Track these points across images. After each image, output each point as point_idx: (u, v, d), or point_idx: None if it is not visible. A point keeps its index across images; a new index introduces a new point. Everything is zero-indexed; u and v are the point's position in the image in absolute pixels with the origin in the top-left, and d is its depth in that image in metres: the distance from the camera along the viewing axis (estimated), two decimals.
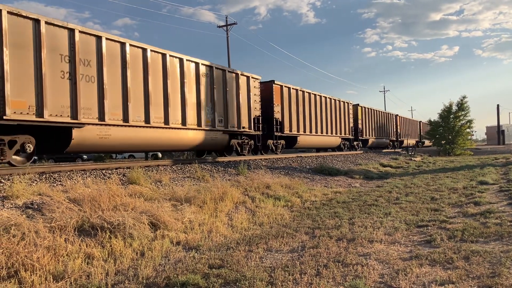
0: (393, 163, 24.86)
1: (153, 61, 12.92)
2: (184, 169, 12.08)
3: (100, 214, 6.55)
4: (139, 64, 12.45)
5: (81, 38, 10.65)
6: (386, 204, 10.06)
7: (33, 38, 9.59)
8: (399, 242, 6.44)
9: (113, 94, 11.50)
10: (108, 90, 11.31)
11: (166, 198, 8.52)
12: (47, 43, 9.84)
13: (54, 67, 10.03)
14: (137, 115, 12.21)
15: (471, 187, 12.36)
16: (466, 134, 42.19)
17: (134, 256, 5.85)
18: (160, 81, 13.21)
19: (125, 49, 11.91)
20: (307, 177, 14.93)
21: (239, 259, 5.64)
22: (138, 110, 12.30)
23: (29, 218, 6.15)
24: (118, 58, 11.74)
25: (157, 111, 12.99)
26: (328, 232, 7.13)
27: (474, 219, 7.85)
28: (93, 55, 10.99)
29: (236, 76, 17.29)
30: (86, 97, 10.75)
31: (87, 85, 10.78)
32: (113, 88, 11.52)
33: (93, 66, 10.96)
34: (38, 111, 9.63)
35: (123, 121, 11.78)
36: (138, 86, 12.35)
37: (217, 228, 7.49)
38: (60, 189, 7.78)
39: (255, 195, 10.28)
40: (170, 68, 13.58)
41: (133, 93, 12.13)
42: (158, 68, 13.18)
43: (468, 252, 5.55)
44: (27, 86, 9.45)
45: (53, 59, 9.99)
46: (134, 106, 12.12)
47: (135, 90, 12.23)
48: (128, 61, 11.98)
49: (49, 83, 9.87)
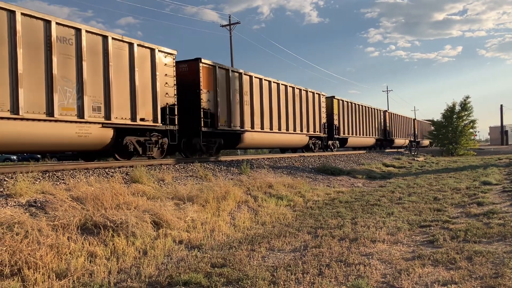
0: (396, 163, 24.81)
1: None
2: (187, 168, 12.09)
3: (103, 213, 6.57)
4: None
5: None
6: (389, 204, 10.05)
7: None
8: (401, 242, 6.43)
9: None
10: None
11: (168, 197, 8.53)
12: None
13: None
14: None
15: (474, 188, 12.33)
16: (469, 134, 42.11)
17: (137, 254, 5.86)
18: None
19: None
20: (310, 177, 14.92)
21: (241, 258, 5.65)
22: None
23: (32, 216, 6.17)
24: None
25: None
26: (330, 232, 7.13)
27: (477, 219, 7.83)
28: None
29: (149, 51, 12.89)
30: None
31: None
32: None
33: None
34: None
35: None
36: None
37: (220, 227, 7.50)
38: (63, 188, 7.80)
39: (257, 195, 10.28)
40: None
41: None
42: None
43: (471, 253, 5.54)
44: None
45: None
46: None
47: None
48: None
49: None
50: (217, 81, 15.72)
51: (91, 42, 11.10)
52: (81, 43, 10.78)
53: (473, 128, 42.46)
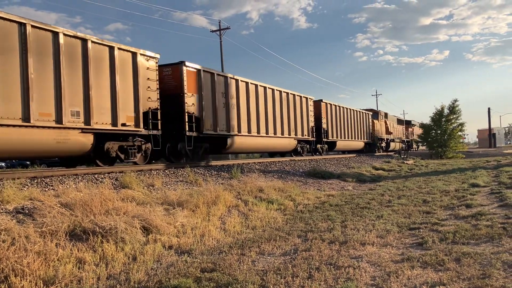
0: (386, 166, 24.96)
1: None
2: (177, 173, 12.05)
3: (92, 219, 6.52)
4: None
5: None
6: (379, 207, 10.10)
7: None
8: (391, 244, 6.47)
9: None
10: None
11: (158, 202, 8.49)
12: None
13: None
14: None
15: (463, 190, 12.43)
16: (458, 137, 42.48)
17: (126, 260, 5.83)
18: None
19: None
20: (300, 181, 14.95)
21: (231, 262, 5.64)
22: None
23: (19, 223, 6.11)
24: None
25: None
26: (320, 235, 7.14)
27: (465, 221, 7.89)
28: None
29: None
30: None
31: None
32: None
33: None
34: None
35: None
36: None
37: (210, 232, 7.48)
38: (52, 194, 7.74)
39: (248, 199, 10.27)
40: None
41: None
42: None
43: (459, 254, 5.59)
44: None
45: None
46: None
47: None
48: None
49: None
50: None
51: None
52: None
53: (462, 131, 42.81)
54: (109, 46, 11.93)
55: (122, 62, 12.39)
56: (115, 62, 12.04)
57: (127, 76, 12.56)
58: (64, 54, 10.64)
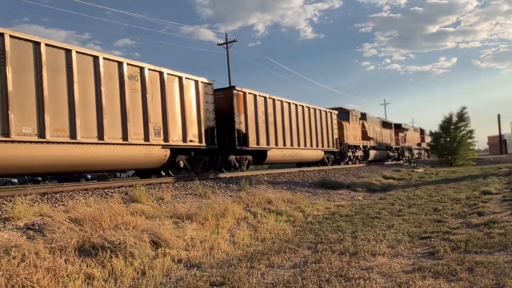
0: (396, 175, 24.79)
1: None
2: (186, 186, 12.07)
3: (101, 234, 6.53)
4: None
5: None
6: (389, 216, 10.01)
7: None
8: (402, 254, 6.39)
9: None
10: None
11: (167, 216, 8.49)
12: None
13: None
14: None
15: (474, 197, 12.29)
16: (468, 144, 42.15)
17: (135, 275, 5.82)
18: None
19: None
20: (310, 191, 14.88)
21: (240, 275, 5.60)
22: None
23: (29, 239, 6.14)
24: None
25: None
26: (330, 247, 7.08)
27: (477, 229, 7.79)
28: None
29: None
30: None
31: None
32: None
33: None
34: None
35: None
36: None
37: (219, 244, 7.45)
38: (62, 209, 7.77)
39: (256, 211, 10.24)
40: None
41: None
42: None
43: (472, 263, 5.50)
44: None
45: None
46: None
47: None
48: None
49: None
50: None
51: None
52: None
53: (471, 138, 42.54)
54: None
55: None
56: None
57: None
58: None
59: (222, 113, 16.94)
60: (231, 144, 16.98)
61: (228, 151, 17.04)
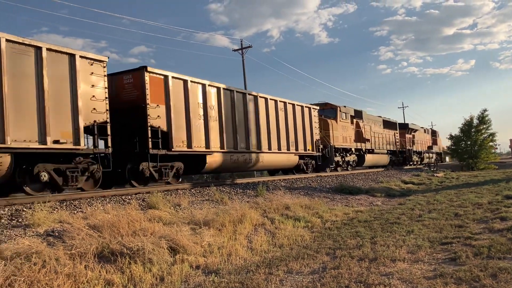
0: (415, 179, 24.43)
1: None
2: (203, 192, 12.10)
3: (120, 240, 6.57)
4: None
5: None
6: (409, 221, 9.85)
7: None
8: (422, 260, 6.27)
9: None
10: None
11: (185, 222, 8.51)
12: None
13: None
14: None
15: (497, 202, 12.02)
16: (489, 147, 41.40)
17: (154, 281, 5.83)
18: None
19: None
20: (327, 197, 14.77)
21: (259, 282, 5.57)
22: None
23: (50, 245, 6.21)
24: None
25: None
26: (349, 252, 6.99)
27: (500, 234, 7.61)
28: None
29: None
30: None
31: None
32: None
33: None
34: None
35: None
36: None
37: (237, 251, 7.42)
38: (80, 216, 7.86)
39: (274, 217, 10.19)
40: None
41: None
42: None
43: (495, 269, 5.36)
44: None
45: None
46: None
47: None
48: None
49: None
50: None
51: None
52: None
53: (493, 141, 41.79)
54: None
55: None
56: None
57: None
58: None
59: (131, 103, 12.48)
60: (144, 146, 12.38)
61: (142, 157, 12.49)
